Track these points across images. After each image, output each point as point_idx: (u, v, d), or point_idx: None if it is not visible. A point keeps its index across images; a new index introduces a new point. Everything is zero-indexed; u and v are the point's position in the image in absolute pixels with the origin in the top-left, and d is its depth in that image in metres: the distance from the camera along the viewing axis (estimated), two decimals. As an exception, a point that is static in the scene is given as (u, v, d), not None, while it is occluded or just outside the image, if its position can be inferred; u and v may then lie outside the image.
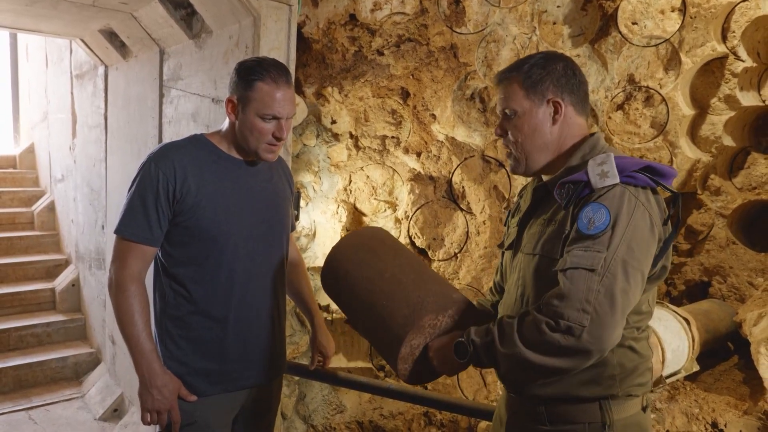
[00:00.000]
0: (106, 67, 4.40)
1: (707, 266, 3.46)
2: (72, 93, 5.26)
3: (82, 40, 4.32)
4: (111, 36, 3.98)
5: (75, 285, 5.24)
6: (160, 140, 3.52)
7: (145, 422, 1.83)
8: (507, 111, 1.53)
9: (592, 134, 1.52)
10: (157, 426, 1.86)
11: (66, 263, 5.55)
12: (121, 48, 4.01)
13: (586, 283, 1.27)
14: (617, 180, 1.33)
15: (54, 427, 4.07)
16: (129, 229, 1.77)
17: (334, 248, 1.71)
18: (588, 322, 1.25)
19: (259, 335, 1.95)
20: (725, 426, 2.69)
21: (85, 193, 4.95)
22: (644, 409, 1.52)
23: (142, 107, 3.79)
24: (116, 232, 1.80)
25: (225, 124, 1.91)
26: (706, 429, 2.72)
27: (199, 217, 1.81)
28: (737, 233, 3.48)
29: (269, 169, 2.01)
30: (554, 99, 1.47)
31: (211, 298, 1.86)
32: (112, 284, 1.79)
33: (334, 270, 1.71)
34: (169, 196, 1.78)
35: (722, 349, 3.28)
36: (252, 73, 1.79)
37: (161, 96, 3.53)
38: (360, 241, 1.65)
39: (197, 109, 3.10)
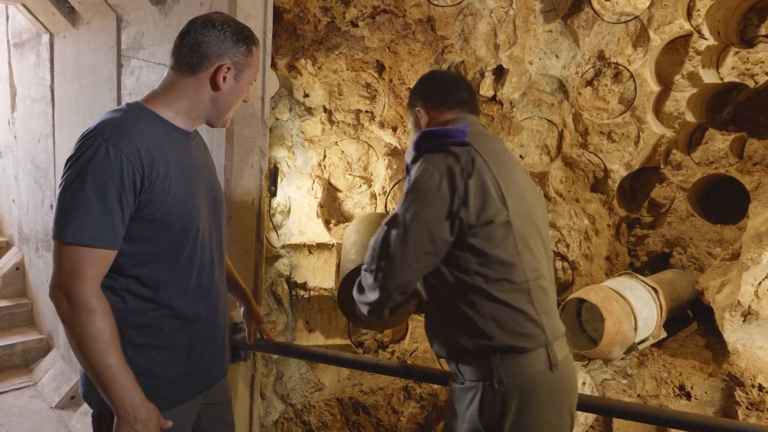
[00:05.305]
0: (51, 35, 4.10)
1: (668, 237, 3.61)
2: (9, 63, 4.89)
3: (24, 5, 4.00)
4: (59, 1, 3.70)
5: (19, 268, 4.92)
6: (119, 113, 3.32)
7: None
8: None
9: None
10: None
11: (7, 246, 5.20)
12: (71, 14, 3.74)
13: (379, 235, 1.60)
14: (413, 154, 1.64)
15: (6, 418, 3.84)
16: (87, 232, 1.40)
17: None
18: (374, 265, 1.59)
19: (222, 328, 1.80)
20: (692, 388, 2.83)
21: (29, 170, 4.64)
22: (552, 367, 1.50)
23: (96, 78, 3.55)
24: (68, 237, 1.40)
25: (175, 88, 1.59)
26: (674, 392, 2.86)
27: (169, 205, 1.53)
28: (695, 206, 3.64)
29: (202, 141, 1.80)
30: (417, 107, 1.79)
31: (183, 296, 1.62)
32: (70, 304, 1.41)
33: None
34: (135, 186, 1.45)
35: (683, 316, 3.44)
36: (248, 35, 1.63)
37: (119, 66, 3.31)
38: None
39: (163, 80, 2.93)
